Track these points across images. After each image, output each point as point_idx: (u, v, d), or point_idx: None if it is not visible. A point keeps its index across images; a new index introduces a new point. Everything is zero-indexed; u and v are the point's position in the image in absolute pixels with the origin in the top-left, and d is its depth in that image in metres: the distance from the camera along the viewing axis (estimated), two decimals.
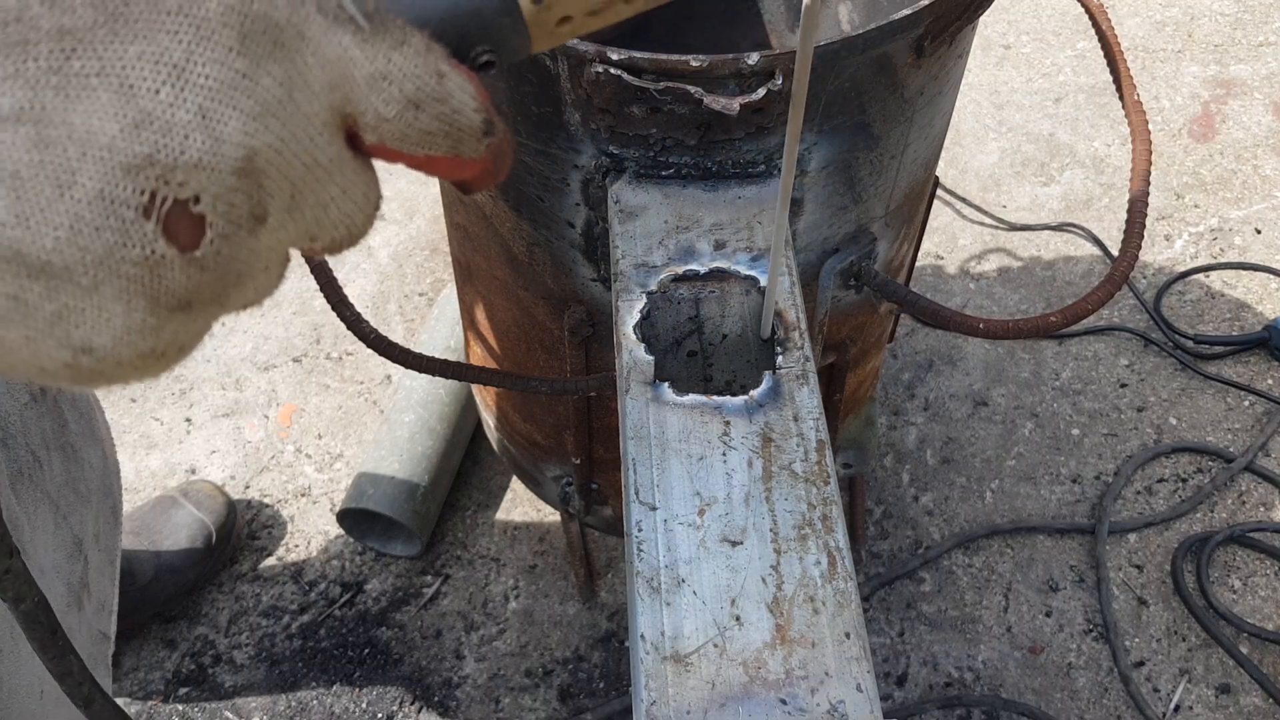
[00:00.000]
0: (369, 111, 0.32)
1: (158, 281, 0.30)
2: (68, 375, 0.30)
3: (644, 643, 0.50)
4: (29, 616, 0.51)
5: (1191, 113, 2.01)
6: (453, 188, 0.90)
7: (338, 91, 0.32)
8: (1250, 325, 1.68)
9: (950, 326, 0.86)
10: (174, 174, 0.29)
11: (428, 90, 0.33)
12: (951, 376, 1.63)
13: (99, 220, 0.28)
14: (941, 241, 1.81)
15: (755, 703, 0.48)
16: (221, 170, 0.29)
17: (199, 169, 0.29)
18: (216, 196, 0.30)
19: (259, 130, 0.30)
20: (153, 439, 1.56)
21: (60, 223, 0.28)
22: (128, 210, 0.29)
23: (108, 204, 0.28)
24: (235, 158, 0.30)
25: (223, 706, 1.32)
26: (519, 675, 1.34)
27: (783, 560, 0.53)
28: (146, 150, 0.28)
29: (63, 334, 0.29)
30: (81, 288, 0.29)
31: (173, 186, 0.29)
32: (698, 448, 0.58)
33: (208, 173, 0.29)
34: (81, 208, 0.28)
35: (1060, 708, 1.31)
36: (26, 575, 0.49)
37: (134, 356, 0.31)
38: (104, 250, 0.29)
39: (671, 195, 0.74)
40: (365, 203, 0.34)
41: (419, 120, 0.33)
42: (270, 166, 0.30)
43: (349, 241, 0.34)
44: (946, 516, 1.48)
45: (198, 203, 0.29)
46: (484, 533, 1.46)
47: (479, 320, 1.11)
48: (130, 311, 0.30)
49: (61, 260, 0.28)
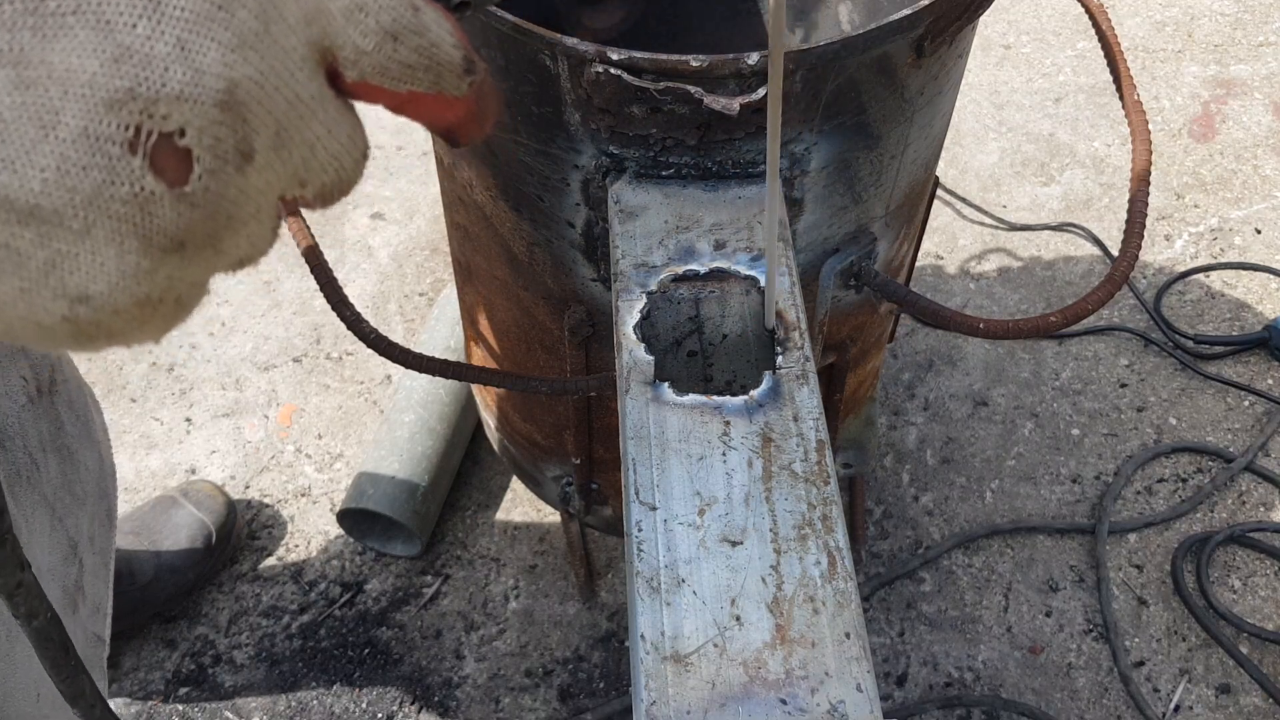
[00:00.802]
0: (347, 45, 0.32)
1: (149, 220, 0.29)
2: (67, 331, 0.30)
3: (644, 643, 0.50)
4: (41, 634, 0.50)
5: (1191, 113, 2.01)
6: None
7: (314, 25, 0.31)
8: (1250, 325, 1.68)
9: (950, 326, 0.86)
10: (156, 107, 0.29)
11: (404, 22, 0.33)
12: (951, 376, 1.63)
13: (85, 159, 0.28)
14: (941, 241, 1.81)
15: (755, 703, 0.48)
16: (204, 102, 0.29)
17: (181, 101, 0.29)
18: (201, 130, 0.29)
19: (238, 62, 0.30)
20: (153, 439, 1.56)
21: (47, 164, 0.28)
22: (113, 146, 0.28)
23: (93, 141, 0.28)
24: (216, 89, 0.29)
25: (223, 706, 1.32)
26: (519, 675, 1.34)
27: (783, 560, 0.53)
28: (127, 84, 0.28)
29: (57, 282, 0.29)
30: (73, 231, 0.29)
31: (156, 120, 0.29)
32: (698, 448, 0.58)
33: (190, 104, 0.29)
34: (67, 147, 0.28)
35: (1060, 708, 1.31)
36: (39, 590, 0.48)
37: (131, 303, 0.30)
38: (92, 189, 0.28)
39: (671, 195, 0.74)
40: (352, 145, 0.33)
41: (398, 53, 0.33)
42: (252, 100, 0.30)
43: (339, 188, 0.34)
44: (946, 516, 1.48)
45: (183, 136, 0.29)
46: (484, 533, 1.46)
47: (479, 320, 1.11)
48: (124, 254, 0.29)
49: (50, 203, 0.28)
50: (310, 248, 0.95)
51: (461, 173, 0.91)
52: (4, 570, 0.45)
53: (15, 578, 0.46)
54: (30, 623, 0.49)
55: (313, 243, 0.95)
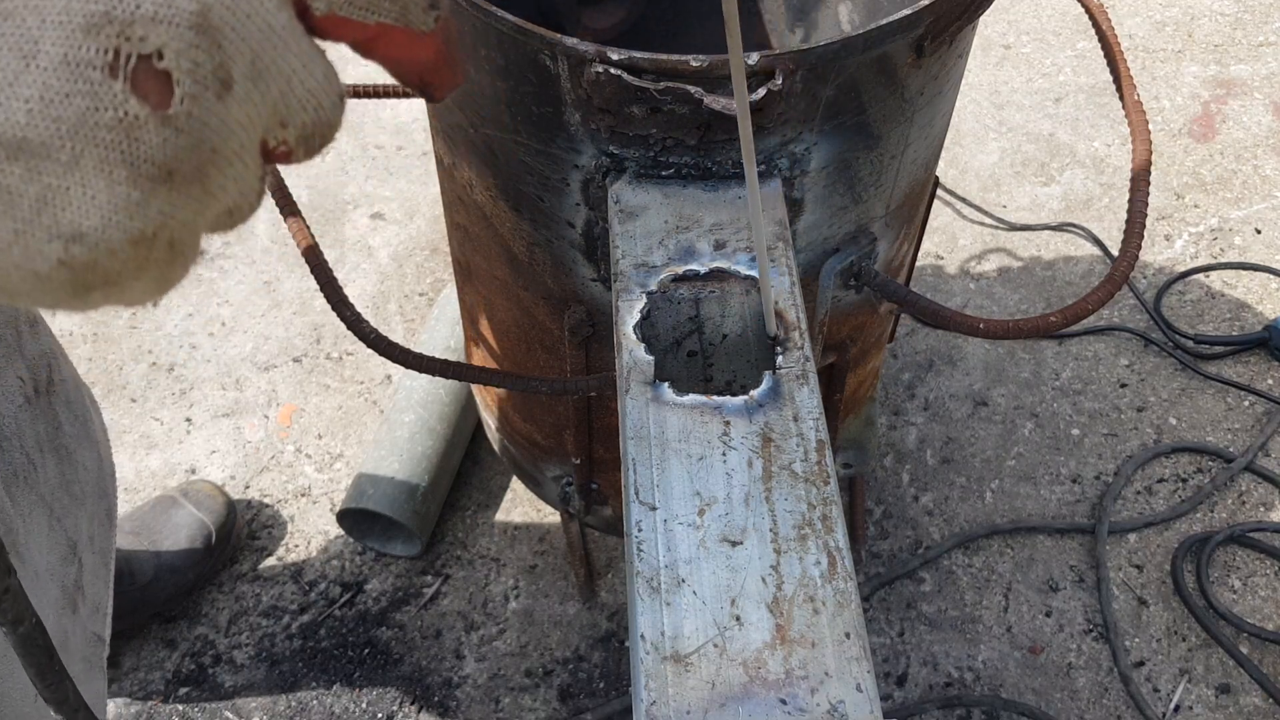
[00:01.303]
0: None
1: (135, 145, 0.29)
2: (64, 278, 0.30)
3: (644, 643, 0.50)
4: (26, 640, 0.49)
5: (1191, 113, 2.01)
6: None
7: None
8: (1250, 325, 1.68)
9: (950, 326, 0.86)
10: (133, 29, 0.29)
11: None
12: (951, 376, 1.63)
13: (68, 85, 0.28)
14: (941, 241, 1.81)
15: (755, 703, 0.48)
16: (178, 24, 0.29)
17: (156, 22, 0.29)
18: (179, 52, 0.30)
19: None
20: (153, 439, 1.56)
21: (30, 94, 0.28)
22: (94, 71, 0.28)
23: (74, 67, 0.28)
24: (190, 10, 0.30)
25: (223, 706, 1.32)
26: (519, 675, 1.34)
27: (783, 560, 0.53)
28: (102, 8, 0.28)
29: (50, 220, 0.29)
30: (61, 163, 0.29)
31: (134, 42, 0.29)
32: (698, 448, 0.58)
33: (165, 25, 0.29)
34: (49, 75, 0.28)
35: (1060, 708, 1.31)
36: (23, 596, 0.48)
37: (125, 239, 0.30)
38: (77, 117, 0.28)
39: (671, 195, 0.74)
40: (328, 82, 0.34)
41: None
42: (225, 25, 0.30)
43: (319, 130, 0.34)
44: (946, 516, 1.48)
45: (161, 59, 0.29)
46: (484, 533, 1.46)
47: (479, 320, 1.11)
48: (113, 184, 0.29)
49: (37, 134, 0.28)
50: (310, 247, 0.95)
51: (461, 173, 0.91)
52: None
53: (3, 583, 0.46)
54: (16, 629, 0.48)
55: (312, 242, 0.95)
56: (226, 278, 1.76)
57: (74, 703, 0.54)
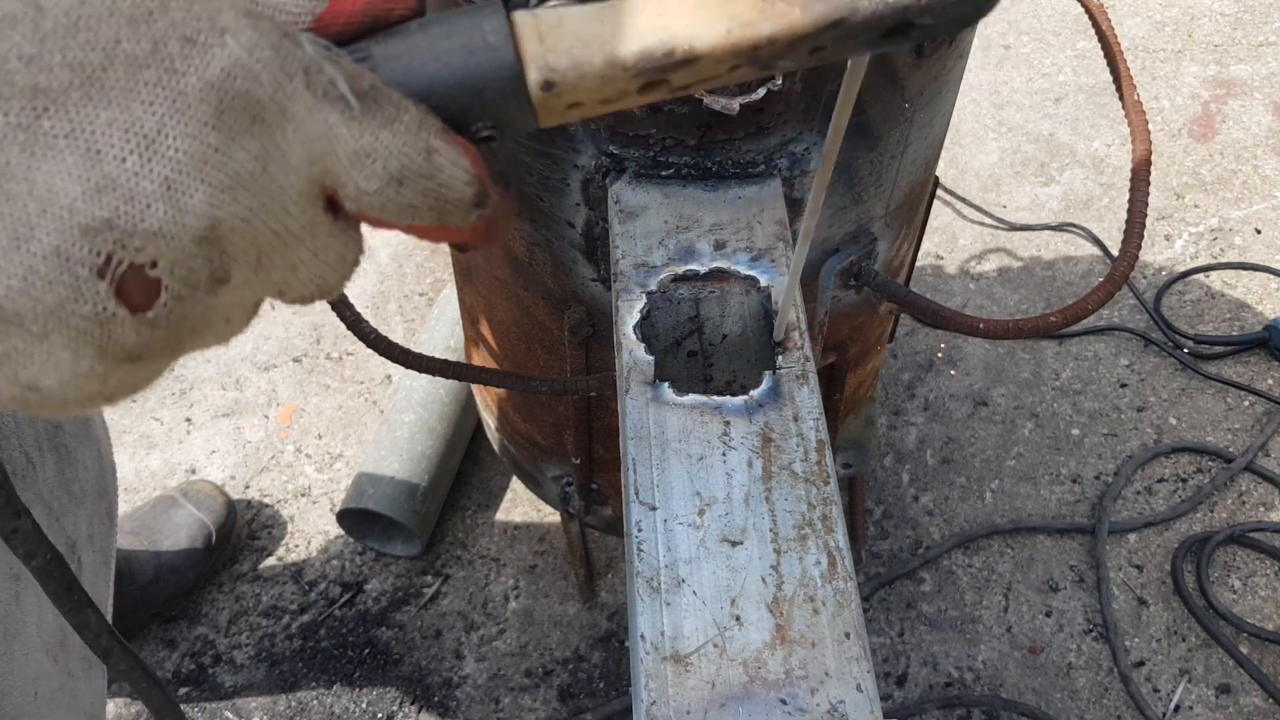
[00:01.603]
0: (349, 185, 0.33)
1: (107, 336, 0.30)
2: (15, 405, 0.31)
3: (644, 643, 0.50)
4: (43, 572, 0.51)
5: (1191, 113, 2.01)
6: None
7: (317, 165, 0.32)
8: (1250, 325, 1.68)
9: (950, 326, 0.86)
10: (132, 239, 0.29)
11: (414, 167, 0.33)
12: (951, 377, 1.63)
13: (52, 275, 0.29)
14: (941, 241, 1.81)
15: (755, 703, 0.48)
16: (181, 239, 0.30)
17: (158, 237, 0.30)
18: (174, 263, 0.30)
19: (226, 202, 0.30)
20: (153, 439, 1.56)
21: (14, 273, 0.29)
22: (82, 269, 0.29)
23: (62, 261, 0.29)
24: (197, 228, 0.30)
25: (223, 706, 1.32)
26: (519, 675, 1.34)
27: (783, 560, 0.53)
28: (106, 215, 0.29)
29: (10, 372, 0.30)
30: (31, 334, 0.29)
31: (130, 251, 0.29)
32: (698, 448, 0.58)
33: (167, 241, 0.30)
34: (36, 261, 0.29)
35: (1060, 708, 1.31)
36: (38, 532, 0.49)
37: (80, 398, 0.31)
38: (55, 303, 0.29)
39: (671, 195, 0.74)
40: (340, 263, 0.34)
41: (401, 195, 0.33)
42: (235, 234, 0.31)
43: (319, 296, 0.35)
44: (946, 516, 1.48)
45: (154, 267, 0.30)
46: (484, 533, 1.46)
47: (479, 320, 1.11)
48: (78, 359, 0.30)
49: (13, 306, 0.29)
50: None
51: None
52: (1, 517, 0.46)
53: (11, 524, 0.47)
54: (30, 562, 0.50)
55: None
56: None
57: (95, 627, 0.55)
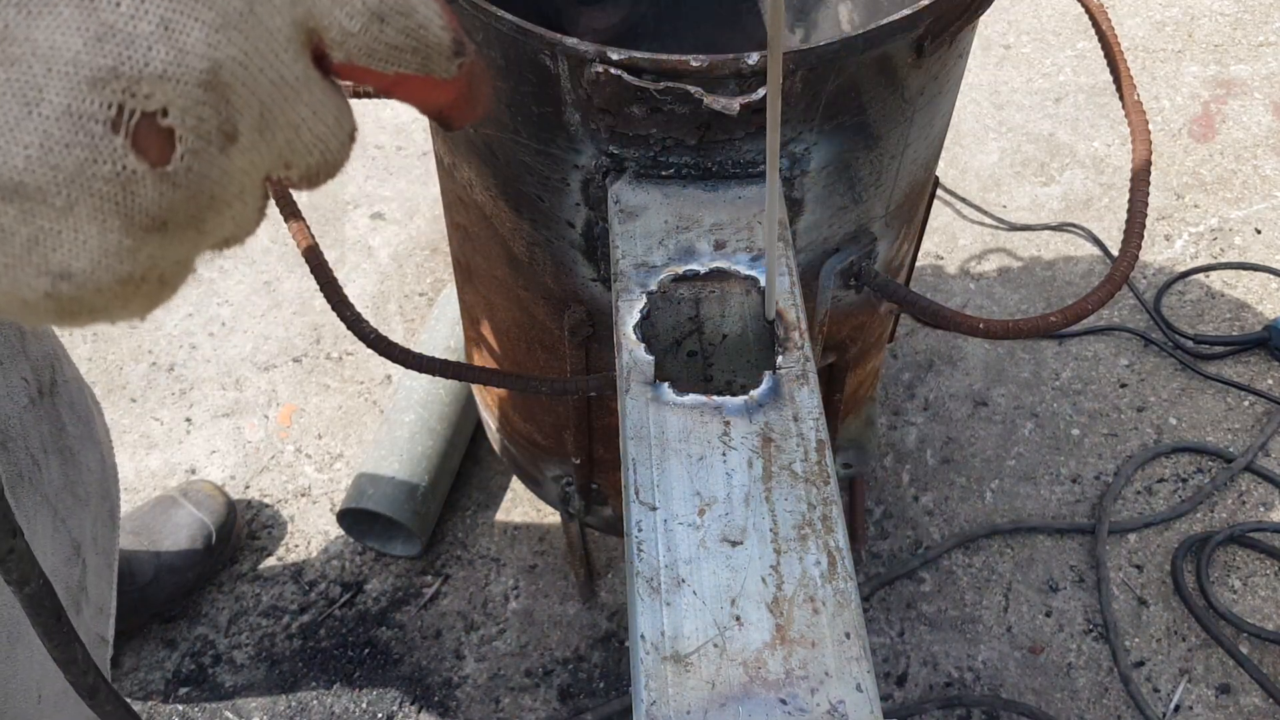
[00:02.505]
0: (333, 26, 0.32)
1: (130, 199, 0.29)
2: (50, 308, 0.30)
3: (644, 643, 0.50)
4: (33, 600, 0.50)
5: (1191, 113, 2.01)
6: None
7: (300, 6, 0.31)
8: (1250, 325, 1.68)
9: (950, 326, 0.86)
10: (139, 86, 0.29)
11: (391, 3, 0.33)
12: (951, 376, 1.63)
13: (68, 136, 0.28)
14: (941, 241, 1.81)
15: (755, 703, 0.48)
16: (187, 82, 0.29)
17: (164, 80, 0.29)
18: (184, 110, 0.29)
19: (222, 42, 0.30)
20: (153, 439, 1.56)
21: (30, 141, 0.28)
22: (96, 125, 0.28)
23: (75, 119, 0.28)
24: (200, 69, 0.29)
25: (223, 706, 1.32)
26: (519, 675, 1.34)
27: (783, 560, 0.53)
28: (110, 63, 0.28)
29: (40, 259, 0.29)
30: (55, 209, 0.29)
31: (139, 99, 0.29)
32: (698, 448, 0.58)
33: (173, 84, 0.29)
34: (50, 124, 0.28)
35: (1060, 708, 1.31)
36: (30, 557, 0.48)
37: (113, 281, 0.30)
38: (75, 167, 0.28)
39: (671, 195, 0.74)
40: (338, 126, 0.33)
41: (384, 34, 0.33)
42: (236, 81, 0.30)
43: (324, 170, 0.34)
44: (946, 516, 1.48)
45: (165, 116, 0.29)
46: (484, 533, 1.46)
47: (479, 320, 1.11)
48: (105, 232, 0.30)
49: (34, 180, 0.28)
50: (310, 248, 0.95)
51: (461, 173, 0.92)
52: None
53: (7, 544, 0.47)
54: (23, 588, 0.49)
55: (313, 243, 0.95)
56: (226, 278, 1.76)
57: (83, 664, 0.54)
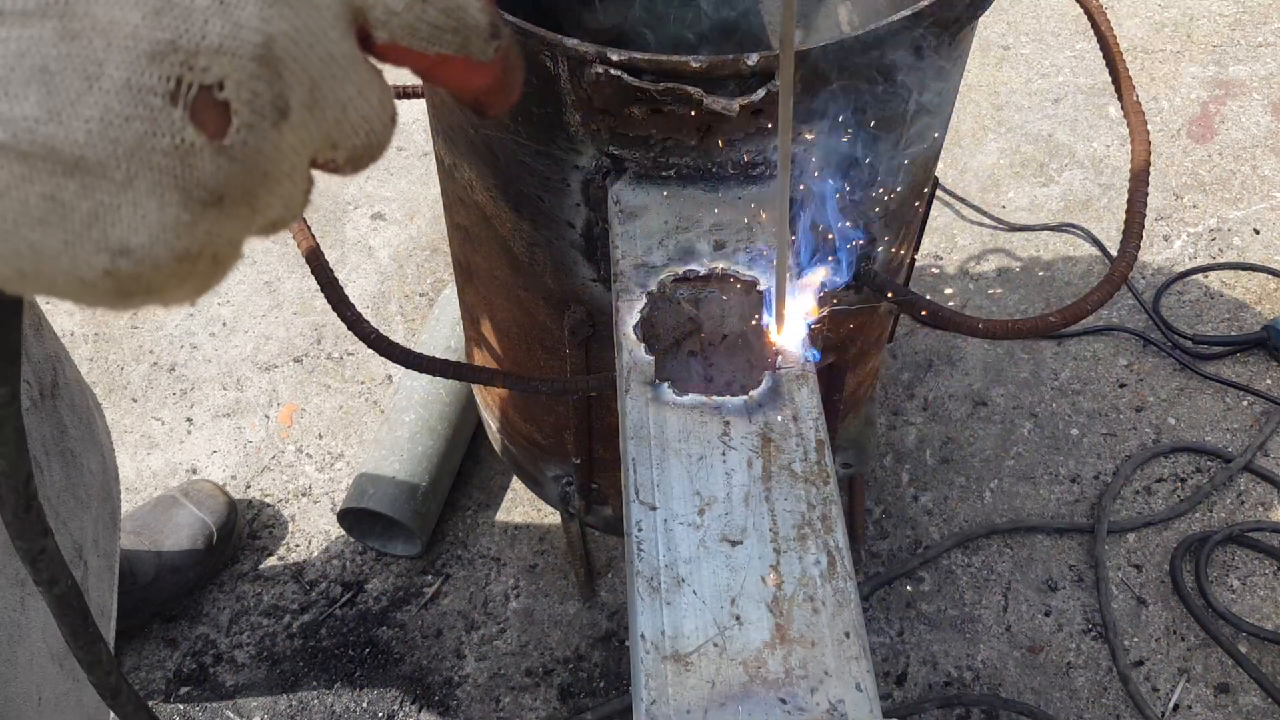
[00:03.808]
0: (378, 4, 0.33)
1: (189, 171, 0.30)
2: (108, 286, 0.31)
3: (644, 642, 0.50)
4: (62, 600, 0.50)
5: (1190, 113, 2.02)
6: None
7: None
8: (1249, 325, 1.68)
9: (949, 326, 0.86)
10: (197, 59, 0.29)
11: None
12: (951, 377, 1.63)
13: (128, 110, 0.29)
14: (941, 242, 1.81)
15: (755, 702, 0.48)
16: (242, 55, 0.30)
17: (220, 53, 0.30)
18: (239, 83, 0.30)
19: (274, 17, 0.30)
20: (154, 439, 1.56)
21: (91, 115, 0.28)
22: (155, 98, 0.29)
23: (135, 92, 0.29)
24: (254, 43, 0.30)
25: (224, 705, 1.32)
26: (519, 674, 1.34)
27: (782, 560, 0.53)
28: (169, 36, 0.29)
29: (100, 234, 0.30)
30: (115, 183, 0.29)
31: (196, 72, 0.29)
32: (698, 448, 0.58)
33: (229, 57, 0.30)
34: (110, 98, 0.28)
35: (1059, 707, 1.31)
36: (60, 557, 0.48)
37: (170, 257, 0.31)
38: (135, 140, 0.29)
39: (671, 195, 0.74)
40: (382, 108, 0.34)
41: (426, 13, 0.34)
42: (288, 56, 0.31)
43: (369, 152, 0.35)
44: (946, 516, 1.48)
45: (221, 89, 0.30)
46: (484, 532, 1.47)
47: (480, 320, 1.11)
48: (164, 206, 0.30)
49: (95, 154, 0.29)
50: (311, 248, 0.95)
51: (462, 173, 0.92)
52: (29, 535, 0.46)
53: (39, 543, 0.47)
54: (51, 589, 0.49)
55: (314, 243, 0.96)
56: (227, 277, 1.76)
57: (107, 665, 0.55)
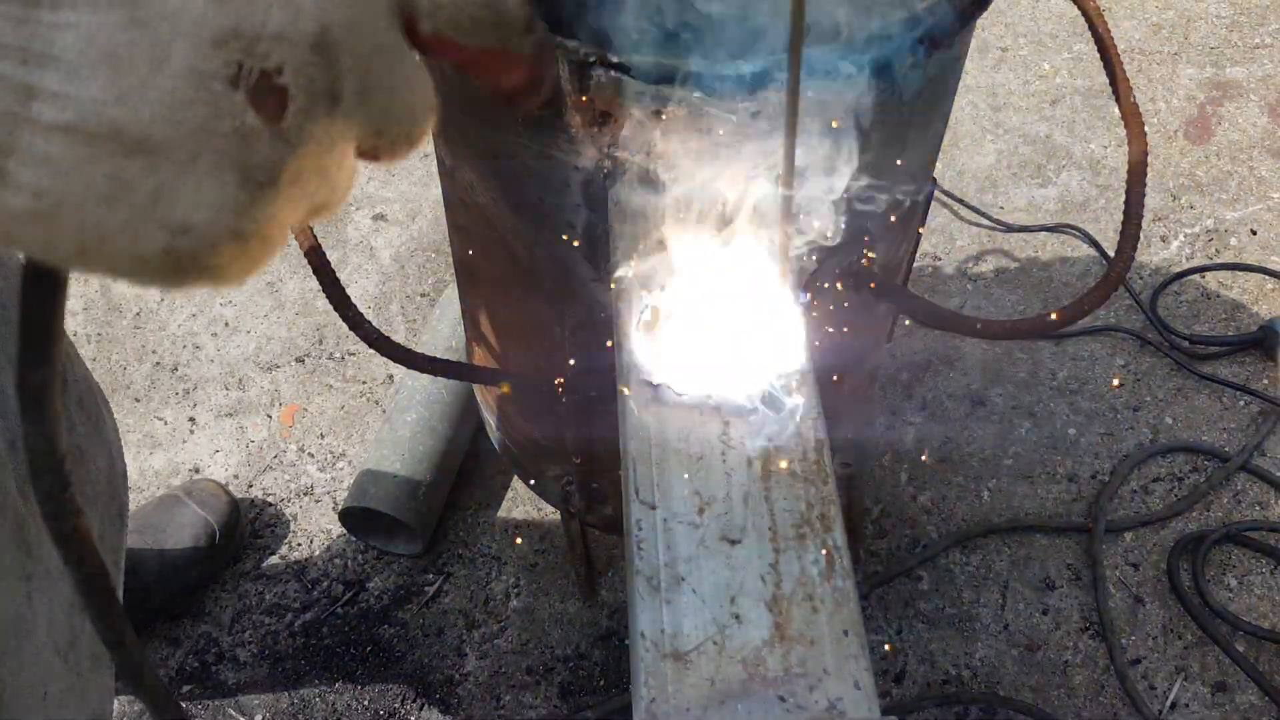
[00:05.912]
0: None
1: (248, 154, 0.31)
2: (166, 264, 0.32)
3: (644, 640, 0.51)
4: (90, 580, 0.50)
5: (1187, 115, 2.02)
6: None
7: None
8: (1245, 325, 1.69)
9: (948, 327, 0.87)
10: (258, 45, 0.31)
11: None
12: (949, 376, 1.64)
13: (192, 93, 0.30)
14: (939, 242, 1.82)
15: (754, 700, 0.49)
16: (300, 43, 0.31)
17: (280, 40, 0.31)
18: (297, 69, 0.31)
19: (330, 6, 0.32)
20: (157, 438, 1.57)
21: (156, 98, 0.29)
22: (217, 83, 0.30)
23: (199, 77, 0.30)
24: (311, 31, 0.31)
25: (226, 704, 1.32)
26: (520, 673, 1.35)
27: (781, 559, 0.54)
28: (232, 23, 0.30)
29: (162, 213, 0.31)
30: (178, 163, 0.30)
31: (257, 58, 0.31)
32: (697, 447, 0.59)
33: (288, 44, 0.31)
34: (176, 82, 0.30)
35: (1057, 705, 1.32)
36: (90, 536, 0.49)
37: (227, 235, 0.32)
38: (198, 122, 0.30)
39: None
40: (425, 98, 0.36)
41: (468, 6, 0.36)
42: (341, 44, 0.32)
43: (411, 140, 0.36)
44: (944, 515, 1.48)
45: (280, 75, 0.31)
46: (485, 531, 1.47)
47: (480, 321, 1.12)
48: (224, 186, 0.31)
49: (159, 135, 0.30)
50: (313, 249, 0.96)
51: (463, 175, 0.92)
52: (62, 515, 0.46)
53: (70, 523, 0.47)
54: (80, 568, 0.50)
55: (315, 244, 0.96)
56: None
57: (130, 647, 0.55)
